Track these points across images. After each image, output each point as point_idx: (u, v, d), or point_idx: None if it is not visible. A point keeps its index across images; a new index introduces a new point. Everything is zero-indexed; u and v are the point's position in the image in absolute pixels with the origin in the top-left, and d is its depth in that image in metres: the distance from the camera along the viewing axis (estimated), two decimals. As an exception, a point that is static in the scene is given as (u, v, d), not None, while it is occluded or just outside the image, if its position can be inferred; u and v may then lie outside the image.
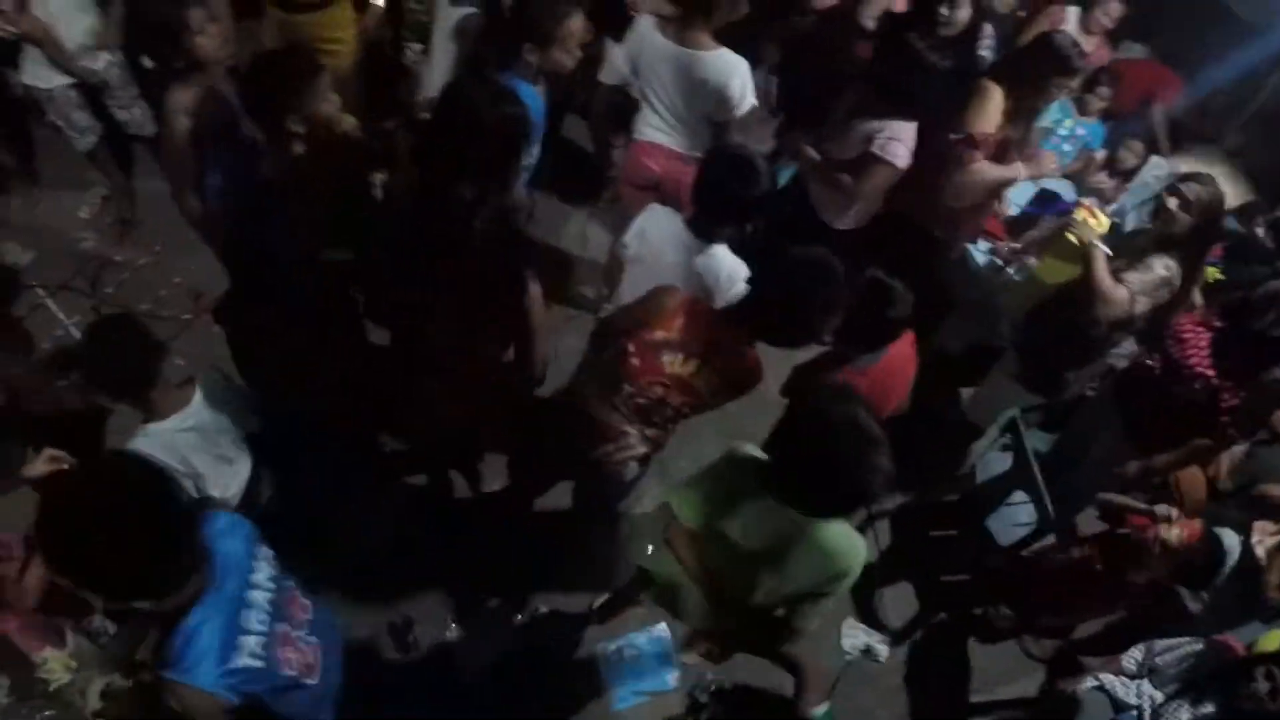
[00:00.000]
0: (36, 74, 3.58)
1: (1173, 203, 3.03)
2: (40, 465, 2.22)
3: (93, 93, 3.73)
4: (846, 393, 1.85)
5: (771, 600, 2.10)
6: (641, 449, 2.42)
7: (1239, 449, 3.44)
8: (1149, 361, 3.13)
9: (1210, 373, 2.93)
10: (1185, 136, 5.18)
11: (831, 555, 1.93)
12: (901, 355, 2.60)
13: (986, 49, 3.92)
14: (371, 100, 3.81)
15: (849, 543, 1.95)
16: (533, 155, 3.08)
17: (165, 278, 3.90)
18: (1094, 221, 3.23)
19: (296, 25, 3.54)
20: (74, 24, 3.56)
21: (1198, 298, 3.56)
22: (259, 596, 1.78)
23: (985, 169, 3.24)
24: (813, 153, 3.33)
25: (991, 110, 3.17)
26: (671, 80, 3.10)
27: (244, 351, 2.66)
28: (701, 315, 2.24)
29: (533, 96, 2.74)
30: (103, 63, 3.68)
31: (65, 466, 2.19)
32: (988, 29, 3.96)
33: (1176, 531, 2.80)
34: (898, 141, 3.06)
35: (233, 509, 2.27)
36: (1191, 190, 3.02)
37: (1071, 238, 3.35)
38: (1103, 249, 3.12)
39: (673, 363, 2.23)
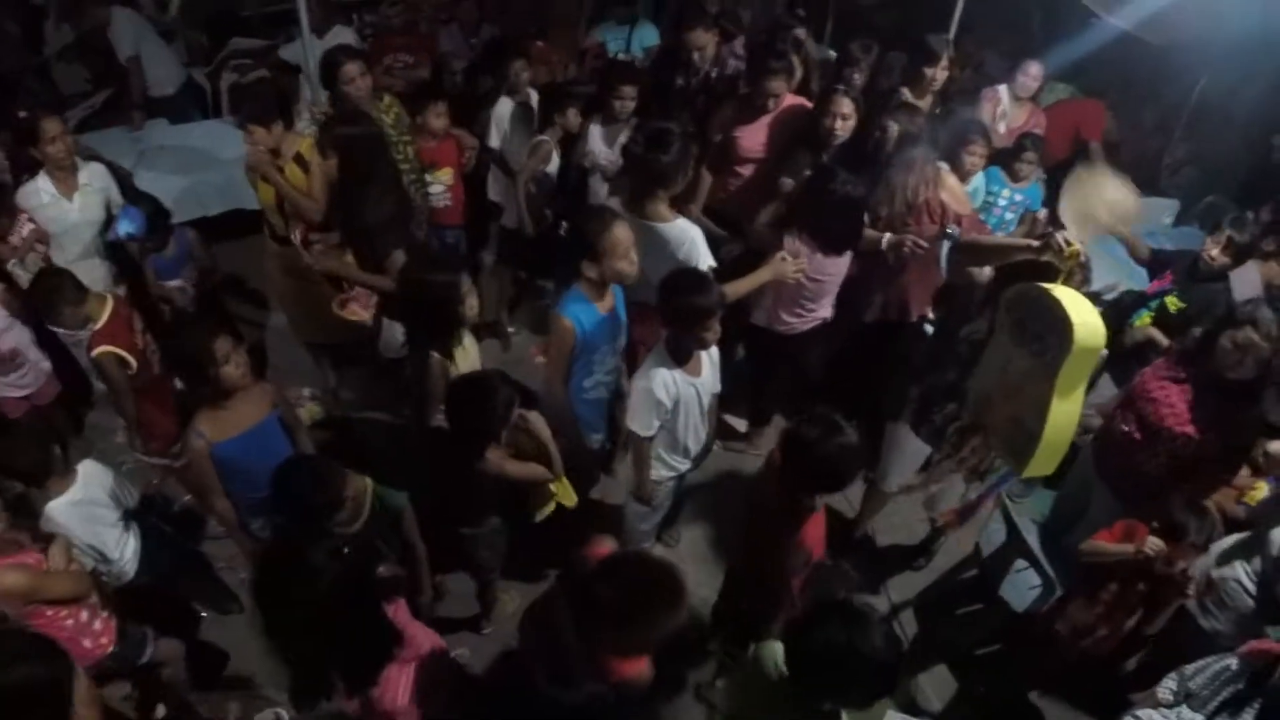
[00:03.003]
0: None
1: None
2: None
3: None
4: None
5: None
6: None
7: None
8: (1124, 426, 3.22)
9: (1190, 429, 3.02)
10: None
11: None
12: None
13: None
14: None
15: None
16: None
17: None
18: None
19: (281, 255, 3.90)
20: (93, 272, 3.87)
21: (1160, 336, 3.80)
22: None
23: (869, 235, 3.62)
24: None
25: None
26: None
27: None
28: None
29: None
30: None
31: None
32: None
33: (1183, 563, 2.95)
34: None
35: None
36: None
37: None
38: None
39: None
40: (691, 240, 3.35)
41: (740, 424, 4.58)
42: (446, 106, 4.26)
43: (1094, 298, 4.29)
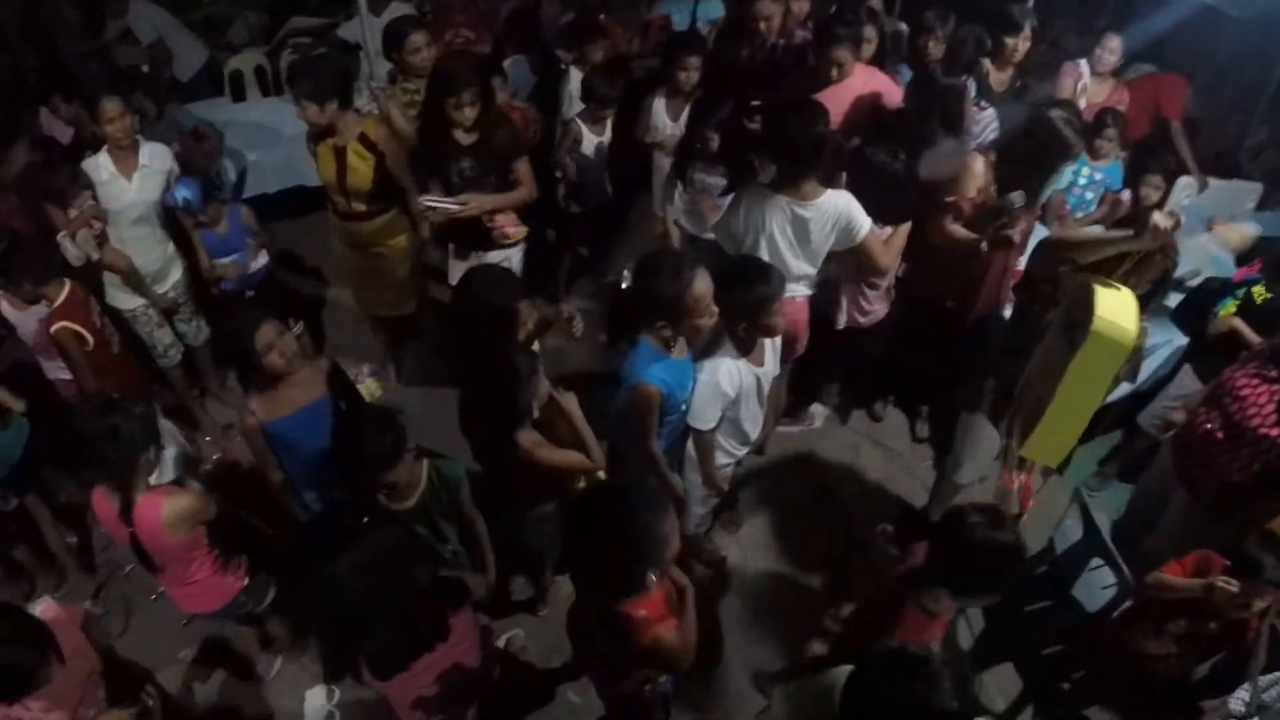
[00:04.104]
0: (117, 298, 3.92)
1: None
2: None
3: (166, 313, 4.07)
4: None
5: None
6: None
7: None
8: (1207, 424, 3.08)
9: (1276, 432, 2.86)
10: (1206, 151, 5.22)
11: None
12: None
13: (991, 132, 4.04)
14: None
15: None
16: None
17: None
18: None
19: (352, 231, 3.86)
20: (148, 253, 3.92)
21: (1245, 329, 3.64)
22: None
23: (955, 230, 3.46)
24: None
25: (968, 179, 3.42)
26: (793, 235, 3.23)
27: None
28: None
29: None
30: (170, 286, 4.02)
31: None
32: (988, 115, 4.09)
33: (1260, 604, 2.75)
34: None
35: None
36: None
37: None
38: None
39: None
40: (846, 206, 3.15)
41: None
42: (504, 80, 4.22)
43: (1178, 284, 4.17)
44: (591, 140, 4.40)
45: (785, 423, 4.33)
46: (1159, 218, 2.73)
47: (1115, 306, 2.42)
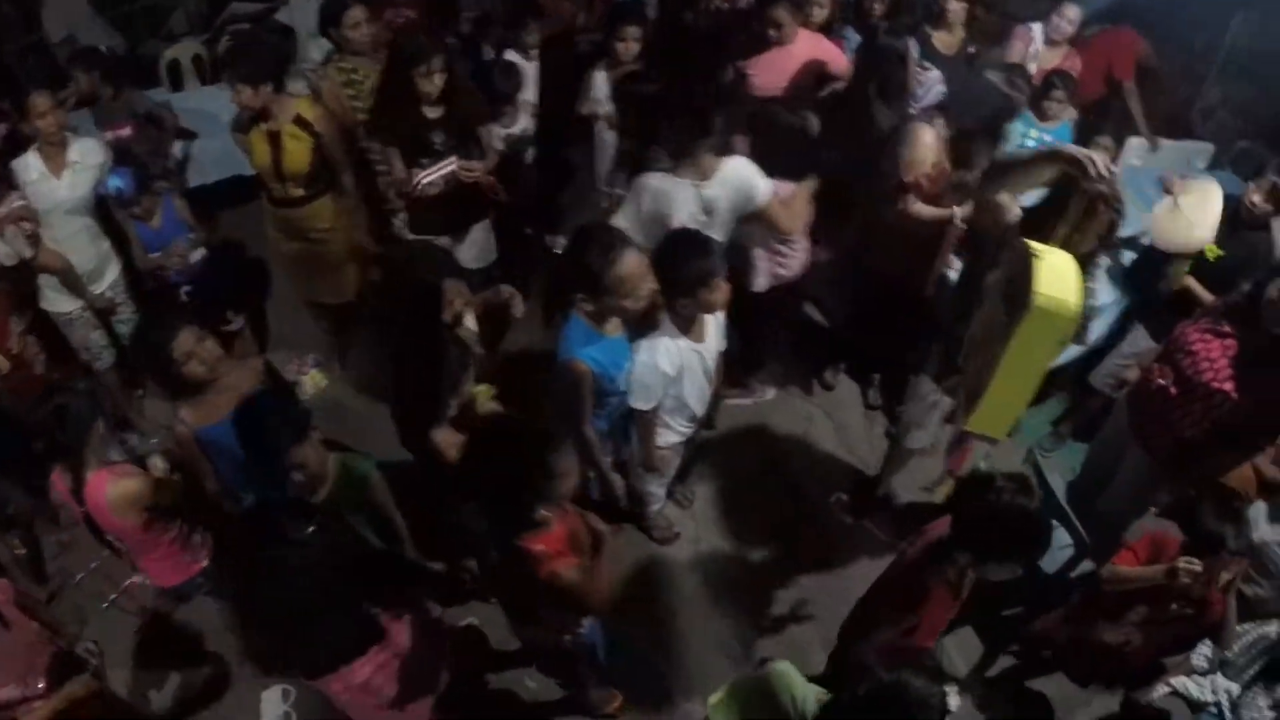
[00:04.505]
0: (54, 301, 3.77)
1: None
2: None
3: (102, 315, 3.91)
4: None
5: None
6: None
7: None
8: (1160, 380, 3.05)
9: (1228, 386, 2.82)
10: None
11: None
12: None
13: (936, 95, 3.99)
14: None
15: None
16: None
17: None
18: None
19: (289, 218, 3.76)
20: (83, 251, 3.76)
21: (1198, 287, 3.62)
22: None
23: (920, 209, 3.40)
24: None
25: (921, 153, 3.33)
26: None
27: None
28: None
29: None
30: (107, 285, 3.87)
31: None
32: (932, 76, 4.03)
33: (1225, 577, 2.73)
34: None
35: None
36: None
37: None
38: None
39: None
40: (745, 173, 3.11)
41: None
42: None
43: (1130, 242, 4.16)
44: (499, 134, 4.23)
45: (736, 394, 4.29)
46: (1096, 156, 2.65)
47: (1055, 277, 2.30)
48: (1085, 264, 2.59)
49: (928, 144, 3.38)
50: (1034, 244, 2.41)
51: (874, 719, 1.88)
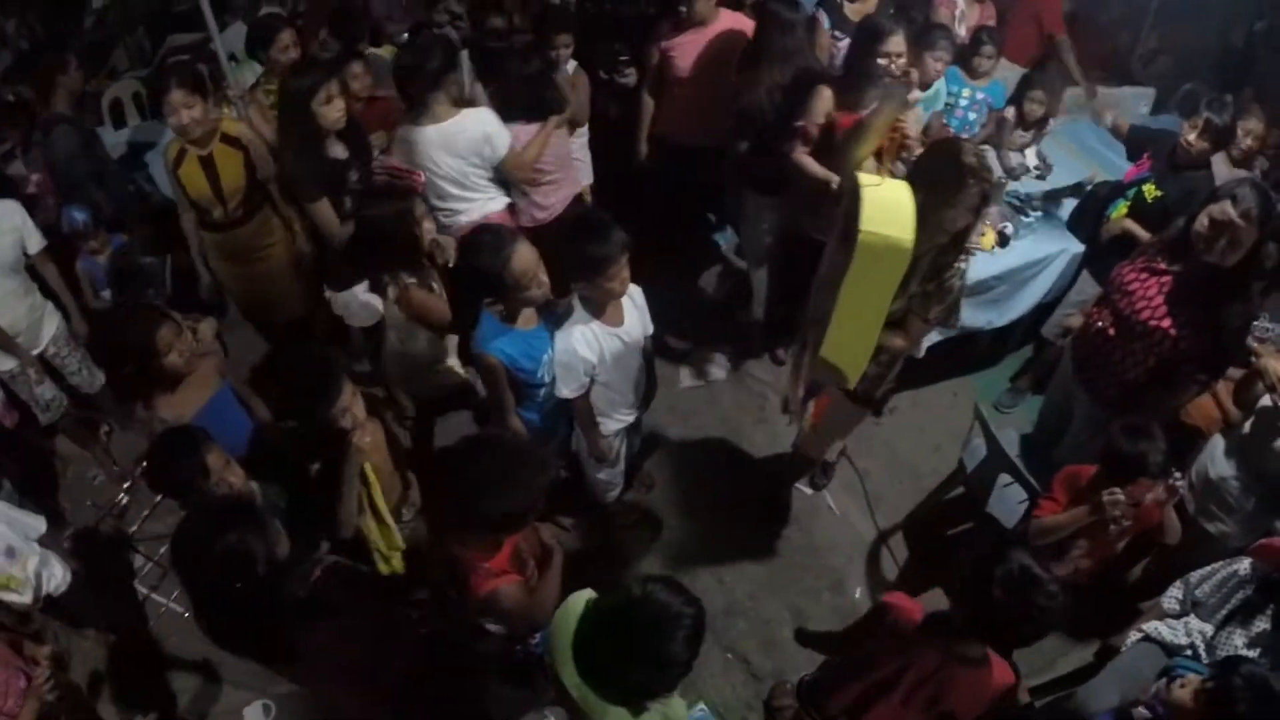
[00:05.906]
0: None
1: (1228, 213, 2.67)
2: None
3: (49, 366, 3.81)
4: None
5: None
6: None
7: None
8: (1099, 323, 3.05)
9: (1166, 324, 2.81)
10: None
11: None
12: None
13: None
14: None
15: None
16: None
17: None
18: None
19: (231, 241, 3.80)
20: (12, 311, 3.60)
21: (1137, 228, 3.60)
22: None
23: (805, 160, 3.53)
24: None
25: (815, 104, 3.46)
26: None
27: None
28: None
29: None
30: (48, 341, 3.77)
31: None
32: (843, 45, 4.05)
33: (1153, 495, 2.70)
34: None
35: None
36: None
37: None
38: None
39: None
40: (485, 123, 3.38)
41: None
42: (365, 67, 4.08)
43: (1074, 189, 4.16)
44: None
45: (689, 376, 4.31)
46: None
47: (883, 211, 2.19)
48: (960, 240, 2.56)
49: (825, 98, 3.45)
50: (866, 176, 2.34)
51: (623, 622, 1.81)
